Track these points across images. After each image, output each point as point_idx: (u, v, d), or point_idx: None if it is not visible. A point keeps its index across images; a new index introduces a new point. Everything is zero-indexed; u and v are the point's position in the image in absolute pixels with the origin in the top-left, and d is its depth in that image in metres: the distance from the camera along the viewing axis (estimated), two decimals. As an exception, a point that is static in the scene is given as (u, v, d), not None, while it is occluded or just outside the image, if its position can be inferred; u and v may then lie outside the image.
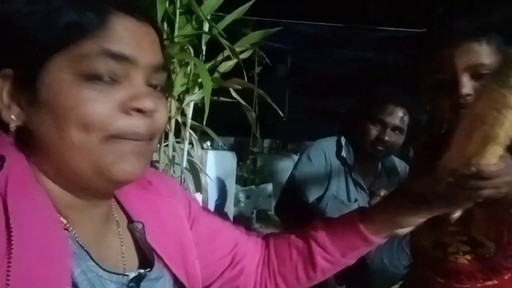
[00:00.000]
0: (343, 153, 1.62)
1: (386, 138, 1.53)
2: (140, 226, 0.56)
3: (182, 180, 1.99)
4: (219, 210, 2.61)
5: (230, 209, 2.89)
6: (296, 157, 4.63)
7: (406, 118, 1.55)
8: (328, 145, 1.65)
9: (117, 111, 0.46)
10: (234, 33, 1.90)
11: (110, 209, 0.55)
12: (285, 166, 4.60)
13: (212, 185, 2.33)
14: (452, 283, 0.92)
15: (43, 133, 0.46)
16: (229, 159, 2.87)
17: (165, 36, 1.45)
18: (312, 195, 1.60)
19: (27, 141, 0.47)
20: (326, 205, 1.62)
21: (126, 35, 0.47)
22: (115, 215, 0.56)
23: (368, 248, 0.67)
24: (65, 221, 0.48)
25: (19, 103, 0.46)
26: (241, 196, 3.42)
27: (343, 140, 1.65)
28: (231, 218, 2.95)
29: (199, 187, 2.09)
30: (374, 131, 1.55)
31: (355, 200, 1.65)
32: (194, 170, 2.11)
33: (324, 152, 1.63)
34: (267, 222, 4.11)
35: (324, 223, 0.69)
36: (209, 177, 2.15)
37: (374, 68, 4.41)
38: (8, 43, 0.46)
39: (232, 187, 2.90)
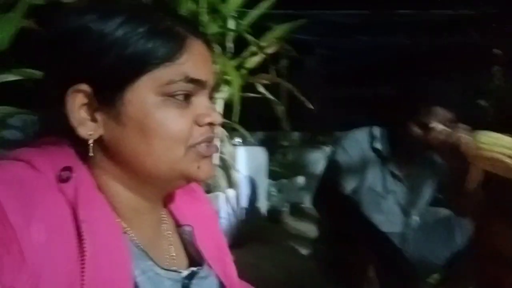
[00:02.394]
0: (377, 144, 1.58)
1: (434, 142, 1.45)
2: (189, 229, 0.61)
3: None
4: (252, 205, 2.61)
5: (263, 203, 2.89)
6: (327, 149, 4.58)
7: (454, 117, 1.44)
8: (362, 135, 1.61)
9: (193, 125, 0.52)
10: (258, 27, 1.88)
11: (161, 213, 0.60)
12: (316, 159, 4.54)
13: (244, 180, 2.33)
14: None
15: (125, 145, 0.49)
16: (260, 154, 2.86)
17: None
18: (348, 186, 1.57)
19: (96, 151, 0.50)
20: (362, 196, 1.59)
21: (200, 59, 0.52)
22: (165, 219, 0.60)
23: None
24: (125, 225, 0.52)
25: (93, 118, 0.49)
26: (273, 190, 3.42)
27: (377, 130, 1.60)
28: (265, 212, 2.95)
29: (231, 183, 2.11)
30: (420, 134, 1.46)
31: (392, 192, 1.61)
32: (226, 166, 2.12)
33: (359, 143, 1.59)
34: (300, 215, 4.08)
35: None
36: (240, 173, 2.15)
37: (406, 55, 4.27)
38: (98, 62, 0.48)
39: (264, 182, 2.89)
